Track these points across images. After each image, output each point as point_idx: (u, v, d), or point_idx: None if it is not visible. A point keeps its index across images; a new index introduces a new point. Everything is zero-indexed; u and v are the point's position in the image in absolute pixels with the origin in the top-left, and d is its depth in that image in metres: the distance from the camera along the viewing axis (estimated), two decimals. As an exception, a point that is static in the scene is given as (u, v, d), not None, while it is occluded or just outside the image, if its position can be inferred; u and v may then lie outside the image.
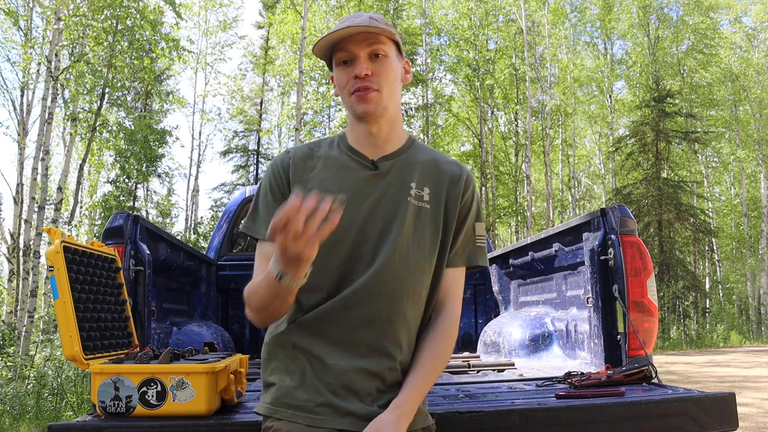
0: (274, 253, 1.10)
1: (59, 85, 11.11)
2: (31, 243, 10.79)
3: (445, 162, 1.40)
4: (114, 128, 12.65)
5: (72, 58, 11.33)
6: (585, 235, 2.42)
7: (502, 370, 2.68)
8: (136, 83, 13.53)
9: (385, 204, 1.30)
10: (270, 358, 1.31)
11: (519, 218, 22.85)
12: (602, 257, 2.25)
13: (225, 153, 24.71)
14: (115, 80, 11.83)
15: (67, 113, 12.29)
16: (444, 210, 1.34)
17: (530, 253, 3.07)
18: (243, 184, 24.23)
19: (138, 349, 1.75)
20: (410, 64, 1.42)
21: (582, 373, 1.99)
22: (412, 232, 1.30)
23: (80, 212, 16.41)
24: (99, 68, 11.52)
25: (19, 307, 10.51)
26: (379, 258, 1.26)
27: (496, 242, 24.00)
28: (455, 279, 1.37)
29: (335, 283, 1.27)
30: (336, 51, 1.30)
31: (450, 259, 1.36)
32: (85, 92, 11.31)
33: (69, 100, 11.85)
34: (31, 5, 12.60)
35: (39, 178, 10.75)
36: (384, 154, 1.34)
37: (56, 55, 11.14)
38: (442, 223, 1.33)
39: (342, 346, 1.24)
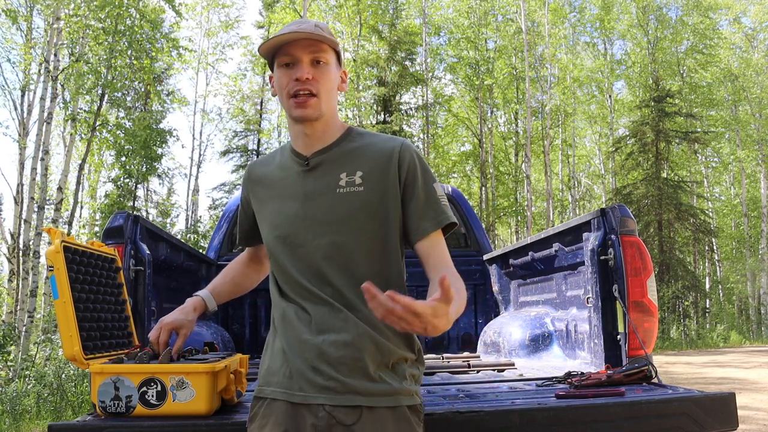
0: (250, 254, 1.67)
1: (59, 85, 11.11)
2: (31, 243, 10.79)
3: (379, 141, 1.41)
4: (113, 128, 12.64)
5: (71, 58, 11.33)
6: (585, 235, 2.42)
7: (502, 370, 2.68)
8: (136, 83, 13.52)
9: (313, 197, 1.35)
10: (266, 343, 1.41)
11: (519, 218, 22.86)
12: (602, 257, 2.25)
13: (225, 153, 24.69)
14: (114, 80, 11.83)
15: (67, 113, 12.28)
16: (381, 186, 1.34)
17: (530, 253, 3.06)
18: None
19: (138, 349, 1.75)
20: (347, 74, 1.47)
21: (582, 373, 1.99)
22: (345, 219, 1.32)
23: (87, 213, 16.43)
24: (99, 68, 11.52)
25: (19, 307, 10.51)
26: (320, 251, 1.31)
27: (496, 242, 24.00)
28: (434, 246, 1.34)
29: (293, 277, 1.34)
30: (279, 54, 1.35)
31: (417, 228, 1.34)
32: (84, 92, 11.31)
33: (69, 101, 11.85)
34: (31, 5, 12.59)
35: (38, 178, 10.75)
36: (317, 150, 1.39)
37: (55, 54, 11.14)
38: (380, 201, 1.33)
39: (316, 327, 1.29)
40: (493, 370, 2.72)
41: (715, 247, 24.04)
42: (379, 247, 1.34)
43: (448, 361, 2.94)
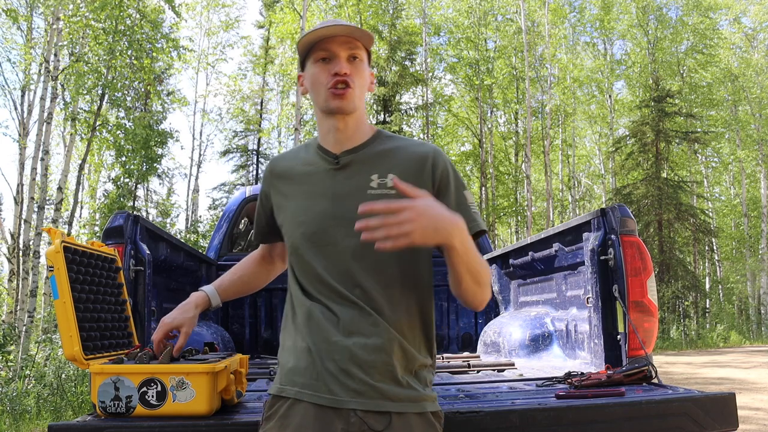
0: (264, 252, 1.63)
1: (59, 85, 11.11)
2: (31, 243, 10.79)
3: (411, 145, 1.41)
4: (113, 128, 12.64)
5: (71, 58, 11.33)
6: (585, 235, 2.42)
7: (502, 370, 2.68)
8: (136, 83, 13.52)
9: (344, 197, 1.33)
10: (283, 339, 1.37)
11: (519, 218, 22.87)
12: (602, 257, 2.25)
13: (225, 153, 24.70)
14: (114, 80, 11.83)
15: (68, 113, 12.28)
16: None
17: (530, 253, 3.06)
18: (243, 184, 24.23)
19: (138, 349, 1.75)
20: (374, 75, 1.48)
21: (582, 373, 1.99)
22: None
23: (88, 213, 16.42)
24: (99, 68, 11.52)
25: (19, 307, 10.51)
26: (350, 251, 1.29)
27: (496, 242, 24.00)
28: None
29: (319, 276, 1.31)
30: (316, 49, 1.36)
31: None
32: (84, 92, 11.30)
33: (69, 101, 11.84)
34: (31, 5, 12.59)
35: (38, 178, 10.75)
36: (347, 149, 1.38)
37: (55, 55, 11.15)
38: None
39: (344, 329, 1.26)
40: (493, 370, 2.72)
41: (715, 247, 24.04)
42: (408, 250, 1.30)
43: (448, 361, 2.94)
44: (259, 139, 24.31)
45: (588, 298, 2.37)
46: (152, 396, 1.50)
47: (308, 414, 1.22)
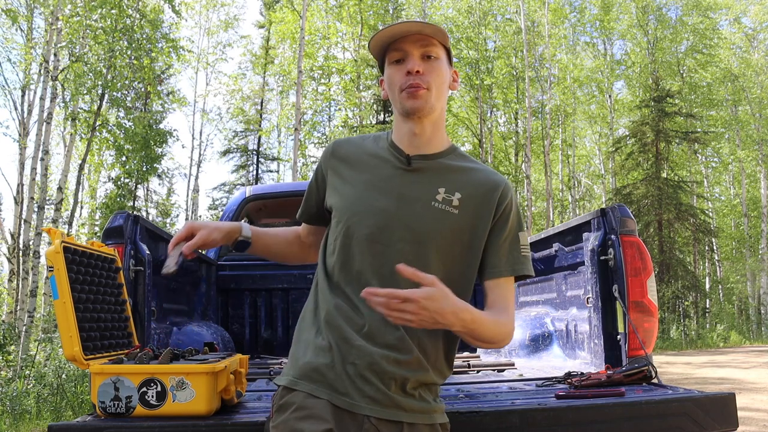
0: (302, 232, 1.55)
1: (59, 85, 11.11)
2: (31, 243, 10.79)
3: (485, 171, 1.39)
4: (113, 128, 12.64)
5: (71, 58, 11.32)
6: (585, 235, 2.42)
7: (502, 370, 2.68)
8: (136, 83, 13.52)
9: (408, 201, 1.31)
10: (300, 331, 1.35)
11: (519, 218, 22.81)
12: (602, 257, 2.25)
13: (225, 153, 24.72)
14: (114, 80, 11.83)
15: (67, 113, 12.28)
16: (476, 217, 1.33)
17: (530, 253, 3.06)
18: (243, 184, 24.23)
19: (138, 349, 1.75)
20: (458, 74, 1.45)
21: (582, 373, 1.99)
22: (434, 235, 1.29)
23: (86, 212, 16.43)
24: (98, 68, 11.52)
25: (19, 307, 10.51)
26: (400, 255, 1.26)
27: (496, 242, 23.94)
28: (501, 290, 1.35)
29: (357, 270, 1.29)
30: (390, 50, 1.34)
31: (493, 268, 1.35)
32: (84, 92, 11.30)
33: (69, 100, 11.84)
34: (32, 5, 12.59)
35: (38, 178, 10.75)
36: (421, 153, 1.36)
37: (55, 55, 11.15)
38: (470, 230, 1.32)
39: (369, 335, 1.25)
40: (493, 370, 2.72)
41: (715, 247, 24.04)
42: (455, 270, 1.32)
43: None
44: (259, 139, 24.33)
45: (588, 298, 2.37)
46: (152, 396, 1.50)
47: (327, 409, 1.20)
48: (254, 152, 24.72)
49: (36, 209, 10.68)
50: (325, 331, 1.28)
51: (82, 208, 16.37)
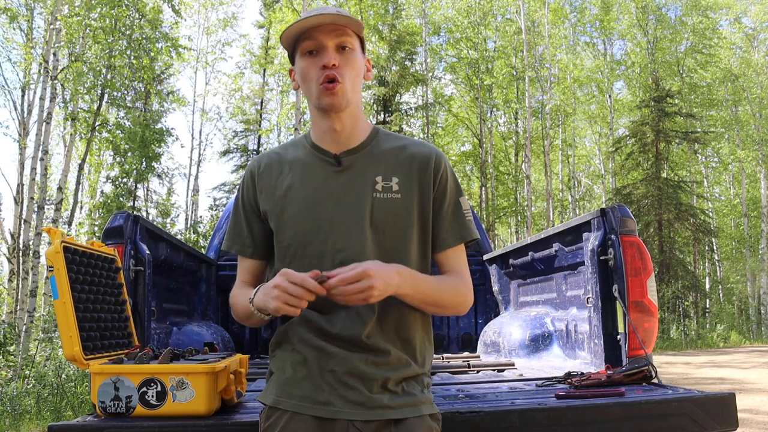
0: (251, 270, 1.40)
1: (59, 85, 11.10)
2: (31, 243, 10.79)
3: (413, 145, 1.38)
4: (113, 128, 12.64)
5: (71, 57, 11.32)
6: (585, 235, 2.42)
7: (502, 370, 2.68)
8: (135, 83, 13.52)
9: (350, 200, 1.30)
10: (275, 348, 1.35)
11: (519, 218, 22.86)
12: (602, 257, 2.25)
13: (225, 153, 24.70)
14: (114, 80, 11.83)
15: (67, 113, 12.28)
16: (418, 195, 1.33)
17: (530, 253, 3.06)
18: (243, 184, 24.13)
19: (138, 349, 1.74)
20: (371, 62, 1.41)
21: (582, 373, 1.99)
22: (383, 225, 1.29)
23: (84, 213, 16.42)
24: (98, 67, 11.51)
25: (19, 307, 10.51)
26: (351, 255, 1.25)
27: (496, 242, 24.00)
28: (455, 259, 1.37)
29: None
30: (302, 40, 1.29)
31: (442, 241, 1.36)
32: (84, 92, 11.30)
33: (69, 100, 11.84)
34: (32, 5, 12.59)
35: (38, 178, 10.75)
36: (347, 149, 1.34)
37: (55, 54, 11.14)
38: (417, 209, 1.33)
39: (341, 339, 1.25)
40: (493, 370, 2.72)
41: (715, 247, 24.04)
42: (418, 251, 1.33)
43: (448, 361, 2.94)
44: (259, 139, 24.31)
45: (588, 298, 2.37)
46: (152, 396, 1.50)
47: (309, 428, 1.20)
48: (254, 152, 24.70)
49: (36, 209, 10.68)
50: (297, 344, 1.28)
51: (81, 208, 16.36)
